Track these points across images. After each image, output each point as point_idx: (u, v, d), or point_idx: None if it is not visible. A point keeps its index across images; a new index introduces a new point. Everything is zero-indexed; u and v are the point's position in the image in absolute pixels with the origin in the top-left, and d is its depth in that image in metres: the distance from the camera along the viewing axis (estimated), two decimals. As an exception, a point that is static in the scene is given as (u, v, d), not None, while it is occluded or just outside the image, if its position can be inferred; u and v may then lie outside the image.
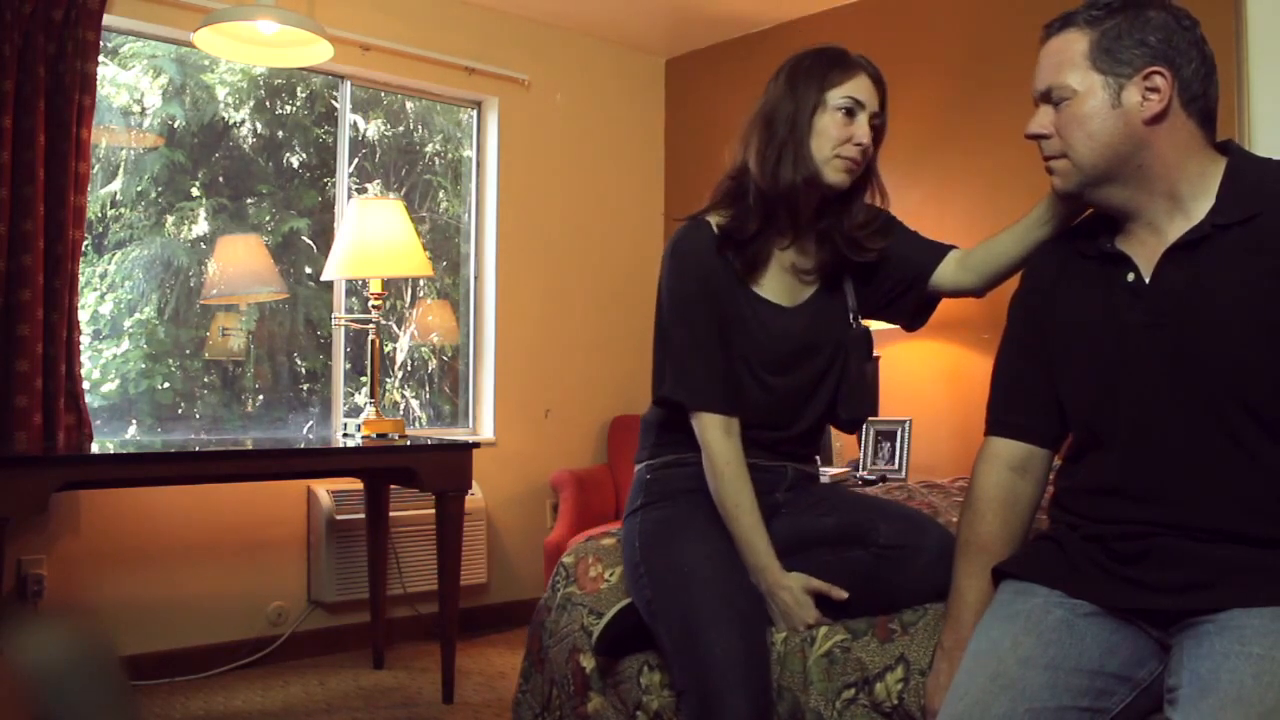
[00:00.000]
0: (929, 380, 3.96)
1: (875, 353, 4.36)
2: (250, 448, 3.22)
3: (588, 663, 1.96)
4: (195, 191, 3.90)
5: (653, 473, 1.89)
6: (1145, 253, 1.40)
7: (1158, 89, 1.35)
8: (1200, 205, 1.37)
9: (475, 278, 4.46)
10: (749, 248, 1.80)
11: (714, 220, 1.82)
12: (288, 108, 4.15)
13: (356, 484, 3.79)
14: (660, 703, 1.83)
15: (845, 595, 1.69)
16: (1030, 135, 1.45)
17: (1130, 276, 1.40)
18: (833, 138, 1.75)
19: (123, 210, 3.75)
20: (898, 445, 3.76)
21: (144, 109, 3.78)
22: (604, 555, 2.10)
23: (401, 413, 4.37)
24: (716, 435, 1.76)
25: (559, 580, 2.14)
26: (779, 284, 1.85)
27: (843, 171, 1.77)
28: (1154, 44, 1.36)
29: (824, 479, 3.62)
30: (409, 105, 4.45)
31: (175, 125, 3.83)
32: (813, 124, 1.75)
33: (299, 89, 4.16)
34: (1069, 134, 1.40)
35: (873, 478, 3.65)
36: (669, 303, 1.82)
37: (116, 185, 3.74)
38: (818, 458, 2.04)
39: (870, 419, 3.82)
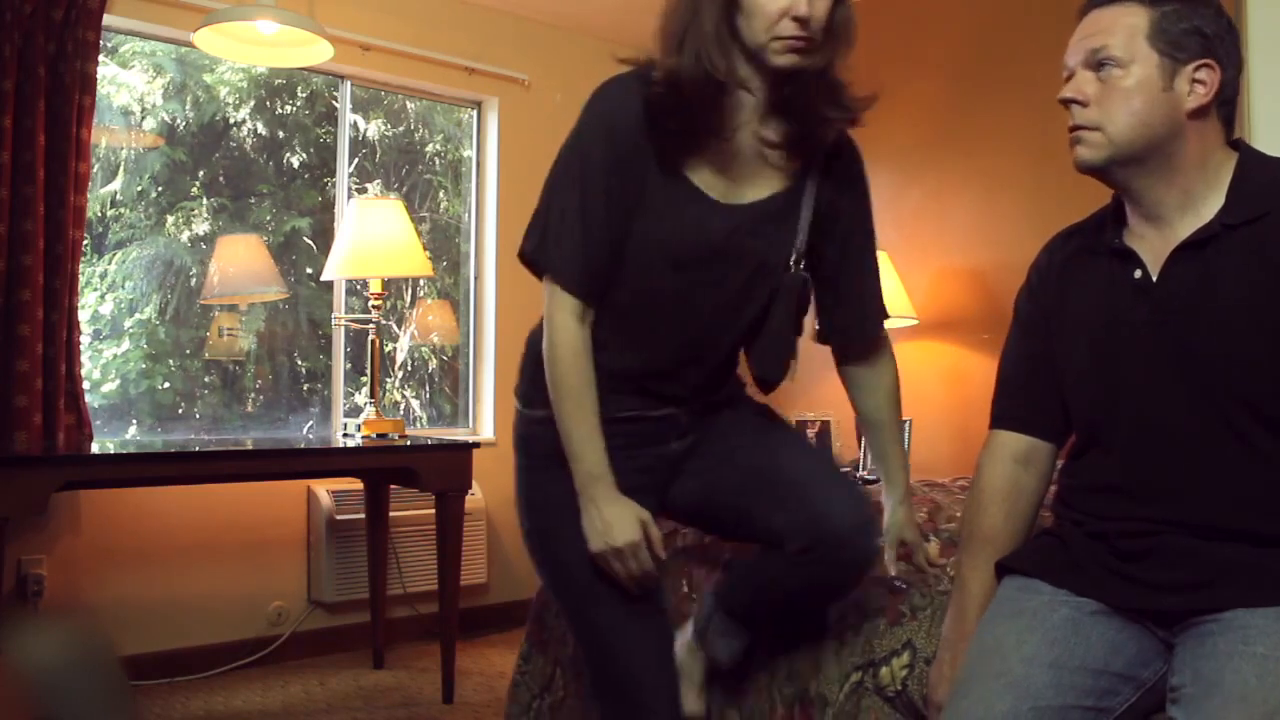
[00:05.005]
0: (929, 380, 3.96)
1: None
2: (250, 448, 3.21)
3: None
4: (195, 191, 3.90)
5: (529, 427, 1.66)
6: (1152, 250, 1.39)
7: (1205, 82, 1.35)
8: (1210, 203, 1.36)
9: (475, 278, 4.46)
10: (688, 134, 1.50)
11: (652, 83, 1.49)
12: (288, 108, 4.15)
13: (356, 484, 3.79)
14: None
15: (662, 559, 1.56)
16: (1066, 99, 1.40)
17: (1138, 273, 1.39)
18: (767, 14, 1.43)
19: (123, 210, 3.75)
20: (898, 445, 3.75)
21: (144, 109, 3.78)
22: None
23: (401, 413, 4.37)
24: (567, 318, 1.54)
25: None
26: (719, 172, 1.54)
27: (786, 53, 1.44)
28: (1209, 35, 1.35)
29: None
30: (409, 105, 4.45)
31: (175, 125, 3.83)
32: (740, 3, 1.44)
33: (299, 89, 4.16)
34: (1110, 104, 1.36)
35: (873, 478, 3.65)
36: (567, 158, 1.56)
37: (116, 185, 3.74)
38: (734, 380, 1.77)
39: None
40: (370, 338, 3.55)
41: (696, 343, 1.61)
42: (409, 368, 4.53)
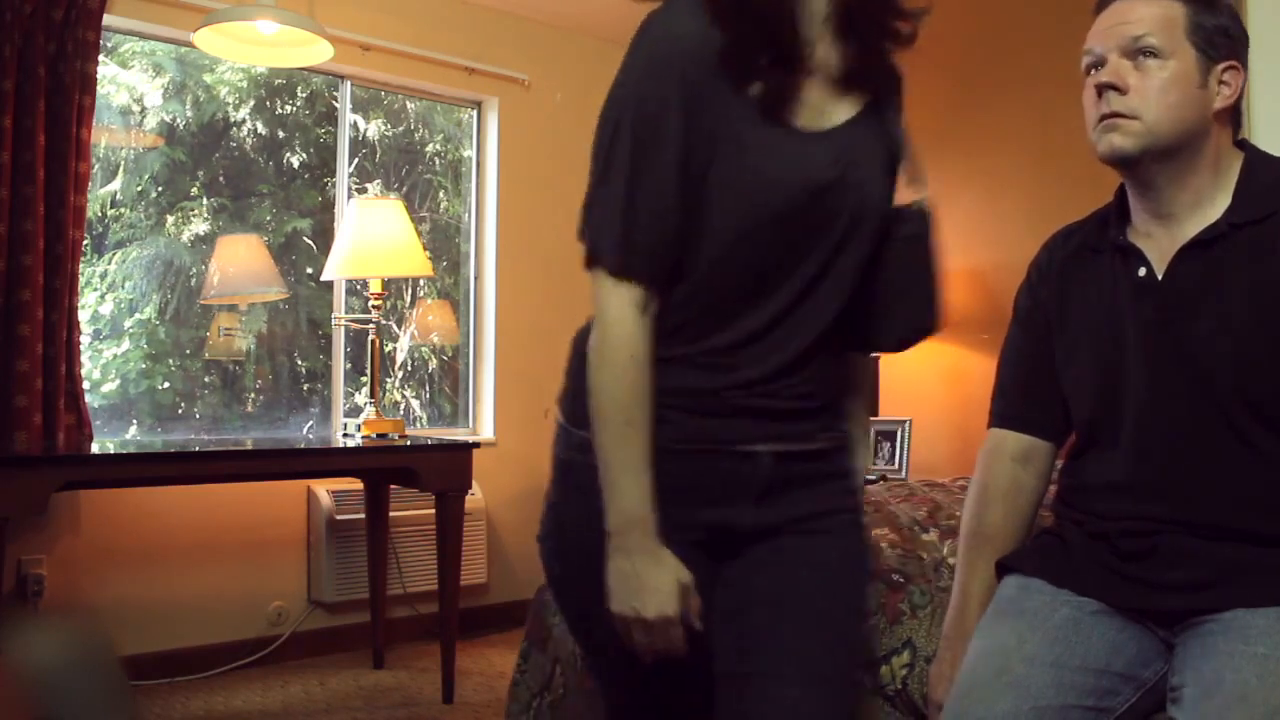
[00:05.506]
0: (929, 380, 3.96)
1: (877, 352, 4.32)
2: (250, 448, 3.21)
3: None
4: (195, 191, 3.90)
5: (577, 452, 1.25)
6: (1158, 247, 1.39)
7: (1230, 84, 1.35)
8: (1218, 203, 1.36)
9: (475, 278, 4.46)
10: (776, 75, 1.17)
11: None
12: (288, 107, 4.15)
13: (356, 484, 3.79)
14: None
15: (696, 629, 1.18)
16: (1106, 84, 1.35)
17: (1142, 271, 1.39)
18: None
19: (123, 210, 3.75)
20: (898, 445, 3.76)
21: (144, 108, 3.78)
22: None
23: (401, 413, 4.37)
24: (624, 309, 1.16)
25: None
26: (798, 98, 1.19)
27: None
28: (1234, 37, 1.35)
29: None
30: (409, 105, 4.45)
31: (175, 125, 3.83)
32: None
33: (299, 89, 4.16)
34: (1149, 94, 1.33)
35: (873, 478, 3.65)
36: (615, 107, 1.18)
37: (116, 185, 3.74)
38: (844, 417, 1.32)
39: (870, 419, 3.80)
40: (370, 338, 3.55)
41: (795, 312, 1.20)
42: (409, 368, 4.53)
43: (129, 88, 3.75)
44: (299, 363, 4.13)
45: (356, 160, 4.22)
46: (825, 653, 1.21)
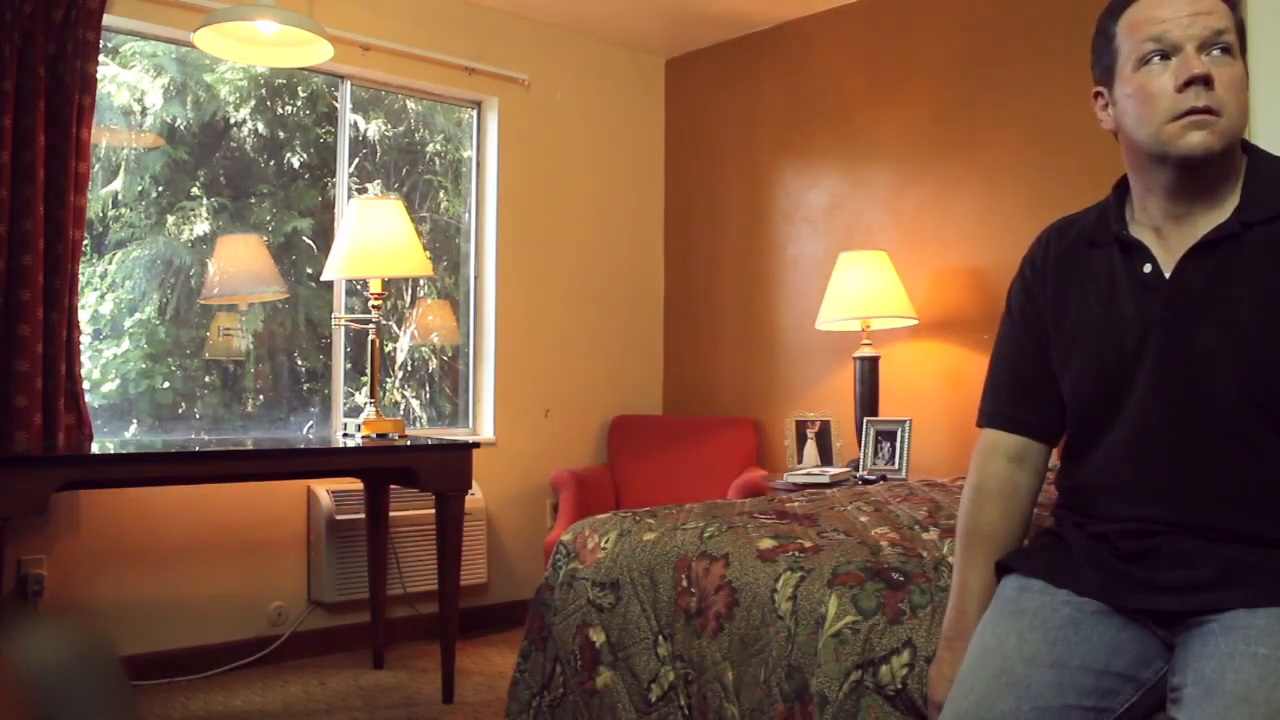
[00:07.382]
0: (929, 380, 3.96)
1: (877, 352, 4.30)
2: (250, 448, 3.21)
3: (598, 636, 1.96)
4: (196, 191, 3.90)
5: None
6: (1164, 244, 1.38)
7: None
8: (1228, 202, 1.35)
9: (475, 278, 4.46)
10: None
11: None
12: (288, 107, 4.15)
13: (356, 484, 3.79)
14: (676, 674, 1.82)
15: None
16: (1202, 77, 1.28)
17: (1147, 268, 1.37)
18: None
19: (123, 210, 3.75)
20: (898, 445, 3.75)
21: (144, 108, 3.78)
22: (599, 527, 2.12)
23: (401, 413, 4.37)
24: None
25: (560, 559, 2.15)
26: None
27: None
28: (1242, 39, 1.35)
29: (824, 477, 3.62)
30: (410, 105, 4.45)
31: (176, 124, 3.83)
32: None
33: (300, 89, 4.16)
34: (1229, 91, 1.30)
35: (873, 478, 3.65)
36: None
37: (117, 185, 3.74)
38: None
39: (869, 419, 3.81)
40: (370, 338, 3.55)
41: None
42: (409, 368, 4.52)
43: (129, 87, 3.75)
44: (299, 363, 4.13)
45: (356, 160, 4.22)
46: None
